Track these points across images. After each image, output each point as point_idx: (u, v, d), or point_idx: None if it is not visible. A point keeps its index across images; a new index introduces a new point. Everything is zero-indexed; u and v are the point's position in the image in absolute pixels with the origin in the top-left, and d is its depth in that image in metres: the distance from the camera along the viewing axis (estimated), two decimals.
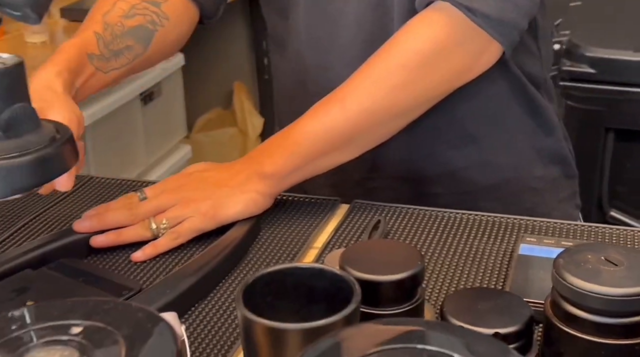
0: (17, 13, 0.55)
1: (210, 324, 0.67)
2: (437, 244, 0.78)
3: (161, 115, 1.87)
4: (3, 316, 0.44)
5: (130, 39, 0.86)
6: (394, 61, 0.78)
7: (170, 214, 0.78)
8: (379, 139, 0.83)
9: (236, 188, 0.79)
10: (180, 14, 0.92)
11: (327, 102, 0.80)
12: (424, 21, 0.79)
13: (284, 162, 0.80)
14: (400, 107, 0.80)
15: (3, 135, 0.58)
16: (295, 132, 0.80)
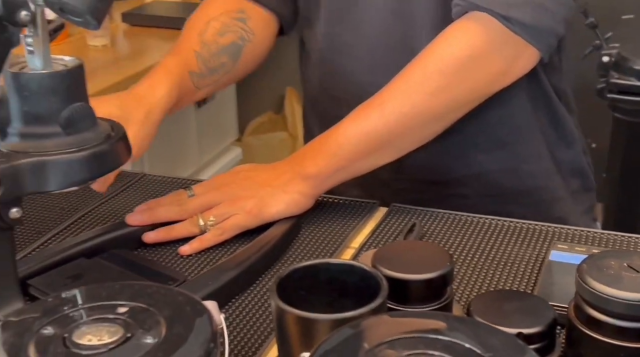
0: (79, 19, 0.60)
1: (248, 316, 0.70)
2: (470, 247, 0.81)
3: (214, 118, 1.93)
4: (57, 296, 0.49)
5: (224, 56, 0.93)
6: (431, 67, 0.81)
7: (216, 211, 0.82)
8: (418, 143, 0.85)
9: (279, 188, 0.83)
10: (263, 29, 0.98)
11: (367, 106, 0.83)
12: (461, 29, 0.81)
13: (326, 164, 0.83)
14: (438, 112, 0.83)
15: (63, 132, 0.63)
16: (336, 135, 0.83)
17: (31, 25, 0.60)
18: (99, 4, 0.59)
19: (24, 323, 0.45)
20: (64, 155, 0.62)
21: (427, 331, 0.43)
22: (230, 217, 0.81)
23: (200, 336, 0.44)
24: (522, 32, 0.79)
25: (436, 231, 0.84)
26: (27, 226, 0.86)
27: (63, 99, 0.63)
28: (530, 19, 0.79)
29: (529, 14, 0.79)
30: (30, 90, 0.62)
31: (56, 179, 0.62)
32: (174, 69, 0.87)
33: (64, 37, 1.73)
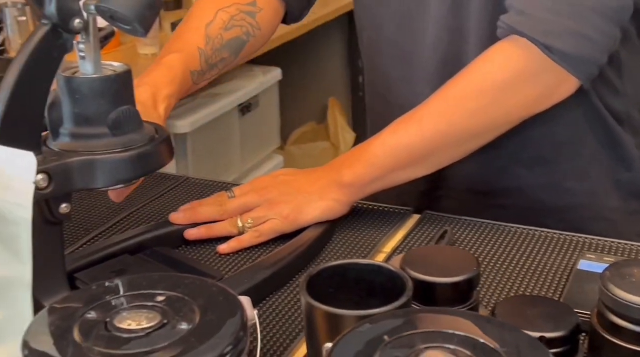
0: (127, 27, 0.63)
1: (281, 314, 0.73)
2: (500, 255, 0.82)
3: (257, 126, 1.97)
4: (101, 284, 0.52)
5: (225, 52, 0.94)
6: (470, 86, 0.82)
7: (255, 213, 0.85)
8: (453, 158, 0.87)
9: (315, 194, 0.85)
10: (270, 21, 0.99)
11: (407, 120, 0.85)
12: (502, 51, 0.82)
13: (363, 172, 0.85)
14: (475, 131, 0.84)
15: (110, 133, 0.67)
16: (374, 145, 0.86)
17: (84, 32, 0.65)
18: (147, 12, 0.62)
19: (68, 308, 0.49)
20: (111, 154, 0.66)
21: (444, 326, 0.45)
22: (267, 220, 0.84)
23: (231, 324, 0.47)
24: (561, 62, 0.79)
25: (467, 239, 0.86)
26: (76, 223, 0.90)
27: (111, 102, 0.66)
28: (570, 48, 0.79)
29: (569, 43, 0.78)
30: (81, 93, 0.66)
31: (103, 177, 0.66)
32: (178, 72, 0.87)
33: (116, 45, 1.79)
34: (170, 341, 0.45)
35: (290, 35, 1.97)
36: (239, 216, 0.84)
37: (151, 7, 0.63)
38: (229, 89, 1.83)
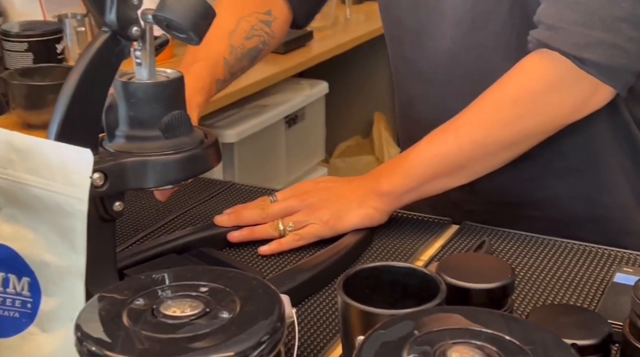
0: (182, 35, 0.67)
1: (319, 315, 0.76)
2: (537, 266, 0.84)
3: (303, 138, 2.00)
4: (149, 275, 0.55)
5: (245, 61, 0.98)
6: (506, 96, 0.84)
7: (296, 218, 0.87)
8: (490, 168, 0.88)
9: (355, 202, 0.88)
10: (282, 30, 1.04)
11: (444, 131, 0.87)
12: (537, 61, 0.83)
13: (400, 182, 0.87)
14: (510, 140, 0.86)
15: (162, 136, 0.70)
16: (412, 155, 0.88)
17: (141, 40, 0.68)
18: (201, 22, 0.66)
19: (118, 295, 0.52)
20: (162, 156, 0.69)
21: (473, 324, 0.47)
22: (308, 225, 0.87)
23: (269, 315, 0.49)
24: (595, 73, 0.81)
25: (505, 249, 0.88)
26: (128, 223, 0.94)
27: (164, 106, 0.70)
28: (603, 59, 0.80)
29: (602, 55, 0.80)
30: (136, 97, 0.70)
31: (154, 177, 0.69)
32: (206, 82, 0.91)
33: (169, 56, 1.84)
34: (211, 328, 0.48)
35: (337, 50, 2.00)
36: (281, 219, 0.87)
37: (205, 17, 0.67)
38: (276, 101, 1.87)
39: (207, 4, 0.66)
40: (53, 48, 1.46)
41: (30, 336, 0.59)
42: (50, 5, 1.83)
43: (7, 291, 0.59)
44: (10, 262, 0.59)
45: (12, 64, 1.45)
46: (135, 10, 0.67)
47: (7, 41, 1.44)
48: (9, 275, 0.59)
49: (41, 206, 0.57)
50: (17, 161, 0.57)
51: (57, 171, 0.56)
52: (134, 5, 0.67)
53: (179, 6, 0.65)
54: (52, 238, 0.58)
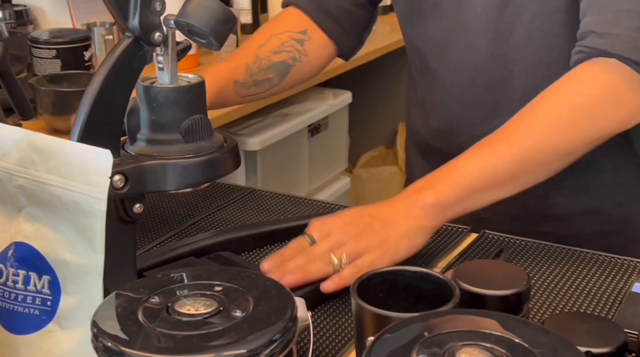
0: (203, 41, 0.68)
1: (335, 319, 0.76)
2: (555, 275, 0.83)
3: (326, 147, 2.01)
4: (166, 274, 0.56)
5: (272, 72, 1.00)
6: (564, 102, 0.82)
7: (348, 249, 0.80)
8: (542, 178, 0.85)
9: (400, 220, 0.81)
10: (318, 52, 1.05)
11: (493, 140, 0.83)
12: (594, 69, 0.82)
13: (447, 193, 0.81)
14: (566, 148, 0.82)
15: (183, 140, 0.71)
16: (458, 166, 0.83)
17: (163, 45, 0.70)
18: (221, 27, 0.67)
19: (135, 293, 0.53)
20: (182, 160, 0.70)
21: (483, 326, 0.47)
22: (364, 255, 0.80)
23: (282, 314, 0.50)
24: None
25: (523, 258, 0.87)
26: (149, 227, 0.96)
27: (184, 110, 0.71)
28: None
29: None
30: (157, 101, 0.71)
31: (174, 180, 0.71)
32: (221, 77, 0.94)
33: (195, 65, 1.86)
34: (224, 326, 0.49)
35: (361, 60, 2.01)
36: (332, 253, 0.80)
37: (225, 23, 0.68)
38: (299, 110, 1.88)
39: (228, 10, 0.68)
40: (81, 55, 1.49)
41: (49, 333, 0.60)
42: (80, 13, 1.86)
43: (28, 289, 0.61)
44: (31, 260, 0.61)
45: (41, 70, 1.47)
46: (158, 16, 0.69)
47: (36, 48, 1.47)
48: (30, 273, 0.61)
49: (61, 205, 0.58)
50: (39, 161, 0.59)
51: (77, 171, 0.57)
52: (157, 11, 0.68)
53: (200, 12, 0.67)
54: (72, 237, 0.59)
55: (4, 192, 0.62)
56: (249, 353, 0.47)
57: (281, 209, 1.02)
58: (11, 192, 0.61)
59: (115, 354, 0.48)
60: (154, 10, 0.68)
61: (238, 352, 0.47)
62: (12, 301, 0.61)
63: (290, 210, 1.01)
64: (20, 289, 0.61)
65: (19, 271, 0.61)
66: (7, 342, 0.62)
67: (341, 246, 0.80)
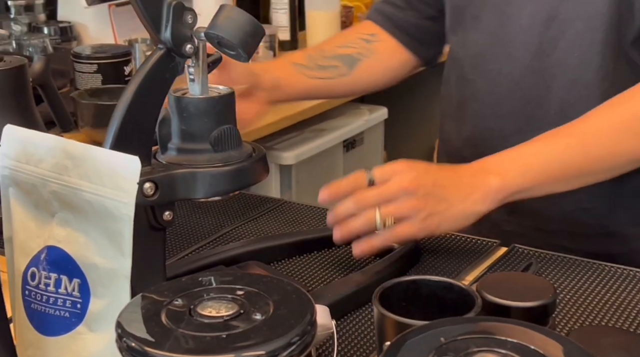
0: (232, 52, 0.70)
1: (361, 329, 0.76)
2: (584, 290, 0.83)
3: (361, 162, 2.02)
4: (191, 277, 0.57)
5: (336, 61, 1.02)
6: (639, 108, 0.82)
7: (397, 211, 0.78)
8: (605, 178, 0.85)
9: (458, 200, 0.80)
10: (388, 54, 1.07)
11: (564, 135, 0.83)
12: None
13: (514, 181, 0.81)
14: (637, 154, 0.83)
15: (212, 149, 0.73)
16: (528, 154, 0.83)
17: (194, 57, 0.72)
18: (250, 39, 0.69)
19: (159, 296, 0.55)
20: (211, 168, 0.72)
21: (500, 333, 0.47)
22: (407, 220, 0.78)
23: (300, 318, 0.51)
24: None
25: (553, 272, 0.87)
26: (181, 236, 0.98)
27: (214, 121, 0.73)
28: None
29: None
30: (188, 112, 0.73)
31: (203, 189, 0.72)
32: (280, 60, 1.01)
33: None
34: (244, 328, 0.50)
35: None
36: (378, 210, 0.78)
37: (254, 35, 0.69)
38: (335, 125, 1.89)
39: (256, 23, 0.69)
40: (121, 70, 1.52)
41: (79, 335, 0.62)
42: (122, 30, 1.91)
43: (59, 292, 0.62)
44: (63, 264, 0.62)
45: (82, 84, 1.51)
46: (190, 28, 0.70)
47: (78, 63, 1.51)
48: (62, 276, 0.62)
49: (92, 210, 0.60)
50: (71, 167, 0.61)
51: (106, 177, 0.59)
52: (189, 23, 0.70)
53: (230, 24, 0.68)
54: (101, 241, 0.61)
55: (39, 197, 0.64)
56: (267, 355, 0.48)
57: (313, 220, 1.03)
58: (45, 198, 0.63)
59: (139, 354, 0.49)
60: (186, 22, 0.70)
61: (257, 354, 0.48)
62: (43, 303, 0.63)
63: (322, 222, 1.02)
64: (51, 291, 0.62)
65: (50, 274, 0.63)
66: (38, 343, 0.64)
67: (391, 201, 0.78)
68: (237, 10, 0.69)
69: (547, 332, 0.47)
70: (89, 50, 1.56)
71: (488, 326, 0.49)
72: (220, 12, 0.69)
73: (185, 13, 0.70)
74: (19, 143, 0.64)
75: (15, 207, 0.66)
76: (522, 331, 0.48)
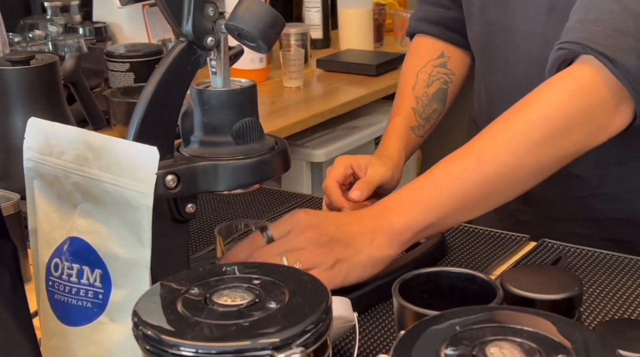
0: (252, 44, 0.70)
1: (383, 323, 0.76)
2: (614, 284, 0.81)
3: None
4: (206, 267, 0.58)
5: (434, 104, 1.04)
6: (536, 113, 0.77)
7: (303, 257, 0.73)
8: (515, 196, 0.79)
9: (365, 243, 0.76)
10: (461, 64, 1.08)
11: (463, 155, 0.78)
12: (569, 75, 0.78)
13: (416, 218, 0.76)
14: (541, 164, 0.77)
15: (234, 142, 0.73)
16: (428, 187, 0.78)
17: (216, 49, 0.72)
18: (270, 31, 0.69)
19: (177, 284, 0.55)
20: (232, 161, 0.72)
21: (516, 322, 0.46)
22: (313, 269, 0.73)
23: (315, 306, 0.50)
24: (623, 79, 0.75)
25: (582, 267, 0.85)
26: (208, 231, 0.98)
27: (236, 113, 0.73)
28: (634, 67, 0.75)
29: (634, 62, 0.75)
30: (210, 104, 0.73)
31: (225, 181, 0.72)
32: (402, 133, 1.01)
33: (264, 79, 1.90)
34: (259, 316, 0.50)
35: None
36: (285, 255, 0.73)
37: (274, 27, 0.69)
38: (366, 122, 1.88)
39: (276, 14, 0.69)
40: (153, 68, 1.53)
41: (101, 325, 0.62)
42: (156, 30, 1.93)
43: (81, 282, 0.63)
44: (85, 254, 0.63)
45: (115, 83, 1.53)
46: (211, 21, 0.71)
47: (111, 61, 1.53)
48: (84, 267, 0.63)
49: (112, 201, 0.61)
50: (92, 159, 0.61)
51: (125, 168, 0.59)
52: (210, 16, 0.71)
53: (250, 16, 0.68)
54: (121, 232, 0.61)
55: (61, 189, 0.64)
56: (281, 342, 0.47)
57: None
58: (67, 189, 0.64)
59: (155, 342, 0.49)
60: (207, 15, 0.70)
61: (271, 341, 0.47)
62: (66, 293, 0.63)
63: None
64: (74, 282, 0.63)
65: (73, 265, 0.63)
66: (62, 333, 0.65)
67: (295, 251, 0.74)
68: (257, 2, 0.69)
69: (564, 322, 0.46)
70: (121, 49, 1.58)
71: (504, 315, 0.48)
72: (240, 4, 0.69)
73: (206, 5, 0.70)
74: (42, 135, 0.65)
75: (39, 199, 0.67)
76: (539, 320, 0.47)
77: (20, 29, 1.86)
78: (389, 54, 2.05)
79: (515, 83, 0.95)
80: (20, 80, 1.06)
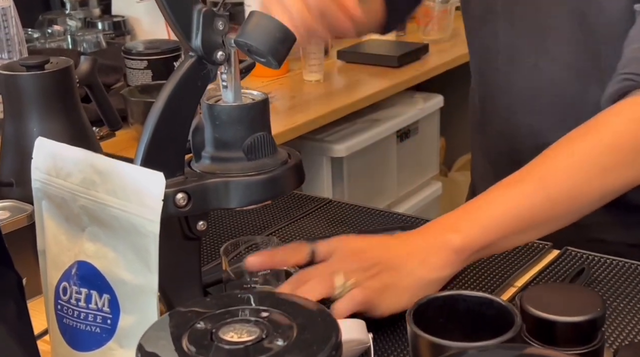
0: (262, 59, 0.68)
1: (398, 343, 0.74)
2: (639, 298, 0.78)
3: (415, 152, 1.98)
4: (218, 296, 0.56)
5: None
6: (604, 142, 0.76)
7: (359, 276, 0.71)
8: (577, 218, 0.78)
9: (416, 271, 0.73)
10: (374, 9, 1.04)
11: (524, 178, 0.76)
12: (635, 104, 0.77)
13: (477, 236, 0.74)
14: (607, 190, 0.77)
15: (245, 157, 0.71)
16: (489, 206, 0.76)
17: (226, 63, 0.70)
18: (279, 46, 0.67)
19: (185, 316, 0.53)
20: (244, 177, 0.70)
21: None
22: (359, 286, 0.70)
23: (324, 344, 0.49)
24: None
25: (607, 278, 0.83)
26: (224, 238, 0.97)
27: (247, 128, 0.71)
28: None
29: None
30: (220, 119, 0.71)
31: (237, 198, 0.71)
32: None
33: (285, 72, 1.87)
34: (265, 355, 0.48)
35: (454, 62, 1.97)
36: (339, 275, 0.71)
37: (284, 42, 0.67)
38: (388, 115, 1.86)
39: (286, 29, 0.67)
40: (171, 66, 1.52)
41: (110, 351, 0.62)
42: None
43: (89, 307, 0.62)
44: (93, 279, 0.62)
45: (133, 81, 1.52)
46: (221, 35, 0.69)
47: (128, 59, 1.52)
48: (92, 291, 0.62)
49: (119, 226, 0.59)
50: (99, 183, 0.60)
51: (131, 193, 0.58)
52: (219, 30, 0.69)
53: (259, 32, 0.67)
54: (129, 257, 0.60)
55: (69, 211, 0.63)
56: None
57: (358, 221, 1.00)
58: (75, 212, 0.63)
59: None
60: (217, 29, 0.69)
61: None
62: (75, 318, 0.63)
63: (367, 222, 0.99)
64: (82, 307, 0.62)
65: (81, 289, 0.62)
66: None
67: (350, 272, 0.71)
68: (267, 17, 0.67)
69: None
70: (139, 47, 1.56)
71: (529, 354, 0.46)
72: (249, 19, 0.67)
73: (215, 19, 0.68)
74: (50, 156, 0.64)
75: (48, 220, 0.66)
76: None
77: (39, 24, 1.86)
78: (411, 43, 2.02)
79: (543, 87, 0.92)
80: (35, 86, 1.05)
